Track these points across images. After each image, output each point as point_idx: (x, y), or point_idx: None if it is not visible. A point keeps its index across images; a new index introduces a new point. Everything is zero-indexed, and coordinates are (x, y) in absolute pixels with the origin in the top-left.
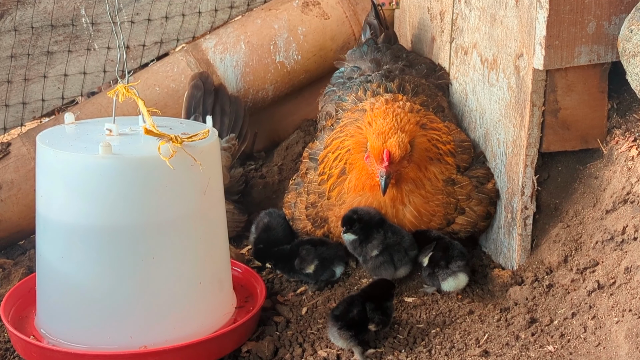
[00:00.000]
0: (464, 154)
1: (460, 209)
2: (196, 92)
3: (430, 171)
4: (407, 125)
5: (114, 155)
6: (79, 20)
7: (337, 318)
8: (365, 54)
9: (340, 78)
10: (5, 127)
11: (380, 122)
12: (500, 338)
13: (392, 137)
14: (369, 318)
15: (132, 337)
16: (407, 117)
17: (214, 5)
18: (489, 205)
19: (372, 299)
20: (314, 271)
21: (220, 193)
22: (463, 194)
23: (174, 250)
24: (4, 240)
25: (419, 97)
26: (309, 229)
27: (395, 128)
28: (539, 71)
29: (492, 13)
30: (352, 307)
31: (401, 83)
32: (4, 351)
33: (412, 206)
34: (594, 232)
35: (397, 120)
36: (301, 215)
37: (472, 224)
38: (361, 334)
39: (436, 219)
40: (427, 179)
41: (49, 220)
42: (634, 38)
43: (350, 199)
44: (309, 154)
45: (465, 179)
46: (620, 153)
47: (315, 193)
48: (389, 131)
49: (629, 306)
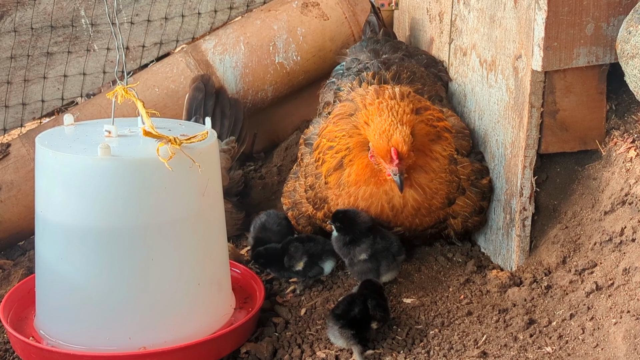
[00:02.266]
0: (463, 140)
1: (461, 189)
2: (197, 94)
3: (434, 151)
4: (405, 116)
5: (112, 157)
6: (79, 21)
7: (339, 317)
8: (365, 47)
9: (340, 70)
10: (5, 128)
11: (378, 121)
12: (499, 339)
13: (395, 134)
14: (371, 316)
15: (131, 338)
16: (402, 108)
17: (213, 6)
18: (481, 199)
19: (372, 296)
20: (303, 268)
21: (219, 194)
22: (464, 174)
23: (173, 252)
24: (3, 241)
25: (414, 85)
26: (310, 212)
27: (395, 123)
28: (538, 72)
29: (491, 14)
30: (353, 305)
31: (397, 71)
32: (4, 352)
33: (418, 185)
34: (593, 233)
35: (394, 114)
36: (302, 199)
37: (471, 207)
38: (362, 332)
39: (438, 197)
40: (434, 159)
41: (48, 221)
42: (632, 39)
43: (354, 190)
44: (304, 139)
45: (465, 160)
46: (619, 154)
47: (313, 175)
48: (389, 128)
49: (627, 307)
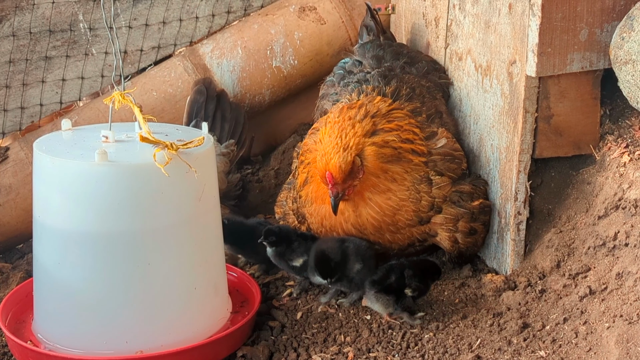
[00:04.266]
0: (451, 163)
1: (437, 208)
2: (199, 98)
3: (392, 171)
4: (353, 139)
5: (109, 163)
6: (77, 26)
7: (375, 283)
8: (368, 51)
9: (342, 69)
10: (3, 132)
11: (325, 141)
12: (493, 343)
13: (334, 158)
14: (406, 284)
15: (128, 342)
16: (353, 131)
17: (211, 10)
18: (471, 221)
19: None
20: (300, 265)
21: (216, 199)
22: (440, 195)
23: (170, 256)
24: (2, 244)
25: (413, 103)
26: (296, 224)
27: (337, 147)
28: (532, 78)
29: (486, 20)
30: (390, 273)
31: (397, 87)
32: (2, 355)
33: (373, 203)
34: (586, 237)
35: (342, 136)
36: (290, 211)
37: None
38: (398, 300)
39: (403, 213)
40: (390, 180)
41: (46, 226)
42: (625, 45)
43: (315, 209)
44: (298, 153)
45: (445, 181)
46: (613, 159)
47: (295, 189)
48: (331, 151)
49: (620, 312)
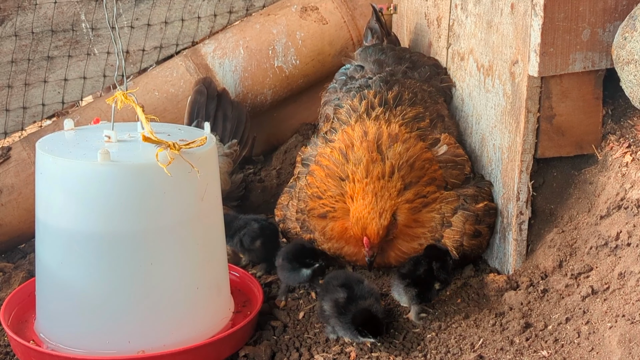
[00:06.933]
0: (454, 170)
1: (447, 223)
2: (199, 98)
3: (421, 219)
4: (388, 202)
5: (112, 162)
6: (79, 26)
7: (404, 276)
8: (370, 55)
9: (344, 75)
10: (5, 132)
11: (360, 204)
12: (495, 343)
13: (371, 224)
14: (435, 277)
15: (131, 341)
16: (388, 192)
17: (213, 10)
18: (475, 223)
19: (437, 259)
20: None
21: (218, 199)
22: (449, 210)
23: (172, 256)
24: (4, 244)
25: (416, 108)
26: (298, 231)
27: (374, 212)
28: (534, 78)
29: (488, 20)
30: (418, 266)
31: (399, 92)
32: (4, 355)
33: (403, 247)
34: (589, 237)
35: (377, 199)
36: (292, 217)
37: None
38: (425, 292)
39: (421, 240)
40: (419, 225)
41: (48, 226)
42: (627, 45)
43: (334, 244)
44: (302, 158)
45: (451, 195)
46: (615, 159)
47: (304, 201)
48: (367, 216)
49: (622, 311)
